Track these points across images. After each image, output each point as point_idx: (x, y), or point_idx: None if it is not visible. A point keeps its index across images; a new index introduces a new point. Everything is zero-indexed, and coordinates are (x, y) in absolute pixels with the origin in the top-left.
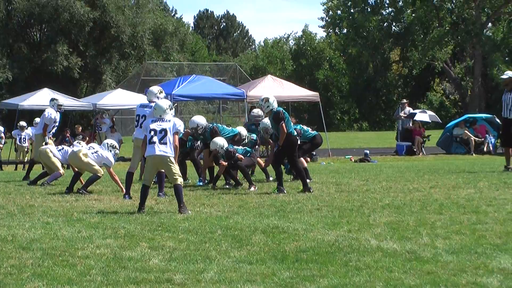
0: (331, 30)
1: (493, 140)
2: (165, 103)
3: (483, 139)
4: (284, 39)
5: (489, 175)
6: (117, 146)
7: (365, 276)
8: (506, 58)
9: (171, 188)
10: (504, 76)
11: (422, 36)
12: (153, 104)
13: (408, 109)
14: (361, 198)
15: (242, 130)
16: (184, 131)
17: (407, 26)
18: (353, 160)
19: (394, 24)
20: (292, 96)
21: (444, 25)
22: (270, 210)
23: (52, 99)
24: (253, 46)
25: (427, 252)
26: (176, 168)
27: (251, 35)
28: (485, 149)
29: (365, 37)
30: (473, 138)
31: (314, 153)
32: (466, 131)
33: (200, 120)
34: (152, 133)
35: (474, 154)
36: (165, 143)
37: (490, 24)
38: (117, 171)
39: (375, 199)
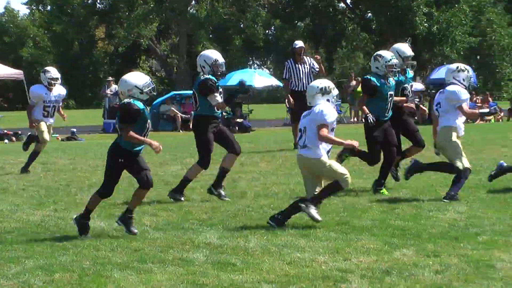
0: (34, 7)
1: None
2: (320, 82)
3: (189, 116)
4: None
5: (194, 152)
6: None
7: (72, 255)
8: (211, 36)
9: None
10: None
11: (127, 13)
12: None
13: (114, 87)
14: (68, 177)
15: None
16: None
17: (112, 3)
18: (59, 138)
19: (99, 1)
20: None
21: (149, 2)
22: None
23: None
24: None
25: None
26: (334, 167)
27: None
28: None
29: (70, 14)
30: (180, 115)
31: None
32: (172, 108)
33: None
34: (300, 133)
35: (181, 131)
36: (306, 146)
37: (193, 2)
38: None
39: (82, 177)
